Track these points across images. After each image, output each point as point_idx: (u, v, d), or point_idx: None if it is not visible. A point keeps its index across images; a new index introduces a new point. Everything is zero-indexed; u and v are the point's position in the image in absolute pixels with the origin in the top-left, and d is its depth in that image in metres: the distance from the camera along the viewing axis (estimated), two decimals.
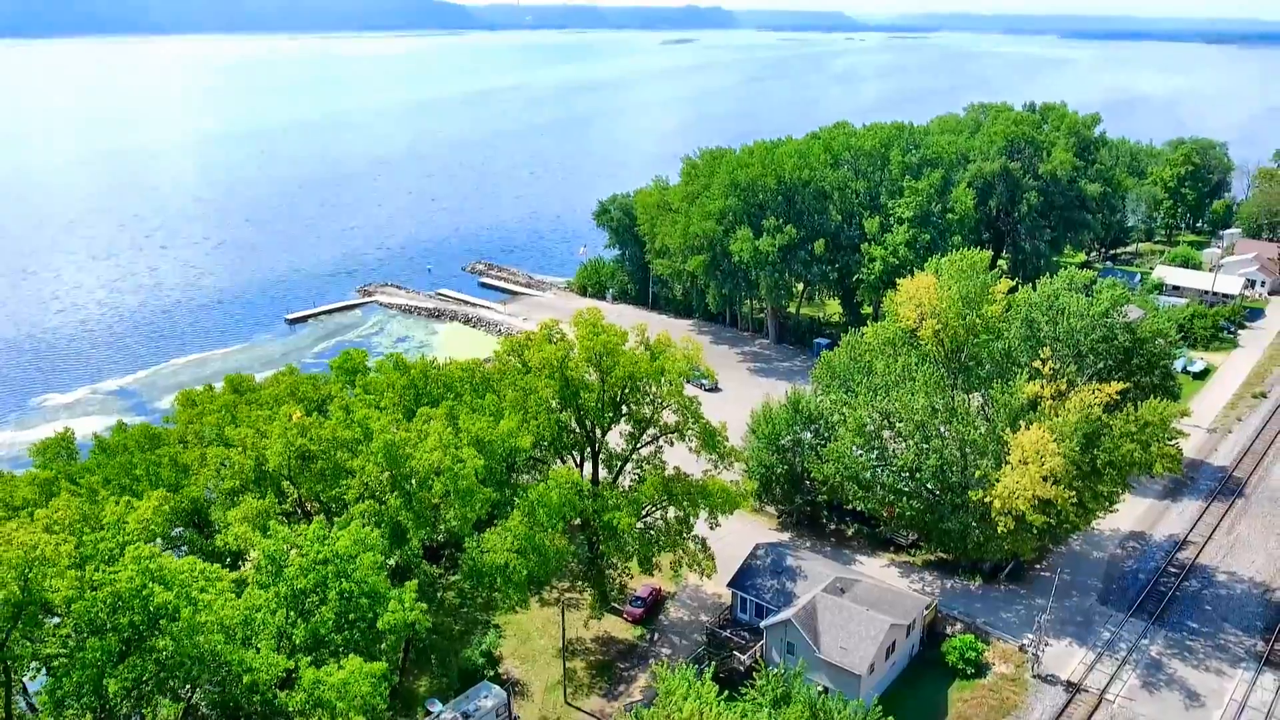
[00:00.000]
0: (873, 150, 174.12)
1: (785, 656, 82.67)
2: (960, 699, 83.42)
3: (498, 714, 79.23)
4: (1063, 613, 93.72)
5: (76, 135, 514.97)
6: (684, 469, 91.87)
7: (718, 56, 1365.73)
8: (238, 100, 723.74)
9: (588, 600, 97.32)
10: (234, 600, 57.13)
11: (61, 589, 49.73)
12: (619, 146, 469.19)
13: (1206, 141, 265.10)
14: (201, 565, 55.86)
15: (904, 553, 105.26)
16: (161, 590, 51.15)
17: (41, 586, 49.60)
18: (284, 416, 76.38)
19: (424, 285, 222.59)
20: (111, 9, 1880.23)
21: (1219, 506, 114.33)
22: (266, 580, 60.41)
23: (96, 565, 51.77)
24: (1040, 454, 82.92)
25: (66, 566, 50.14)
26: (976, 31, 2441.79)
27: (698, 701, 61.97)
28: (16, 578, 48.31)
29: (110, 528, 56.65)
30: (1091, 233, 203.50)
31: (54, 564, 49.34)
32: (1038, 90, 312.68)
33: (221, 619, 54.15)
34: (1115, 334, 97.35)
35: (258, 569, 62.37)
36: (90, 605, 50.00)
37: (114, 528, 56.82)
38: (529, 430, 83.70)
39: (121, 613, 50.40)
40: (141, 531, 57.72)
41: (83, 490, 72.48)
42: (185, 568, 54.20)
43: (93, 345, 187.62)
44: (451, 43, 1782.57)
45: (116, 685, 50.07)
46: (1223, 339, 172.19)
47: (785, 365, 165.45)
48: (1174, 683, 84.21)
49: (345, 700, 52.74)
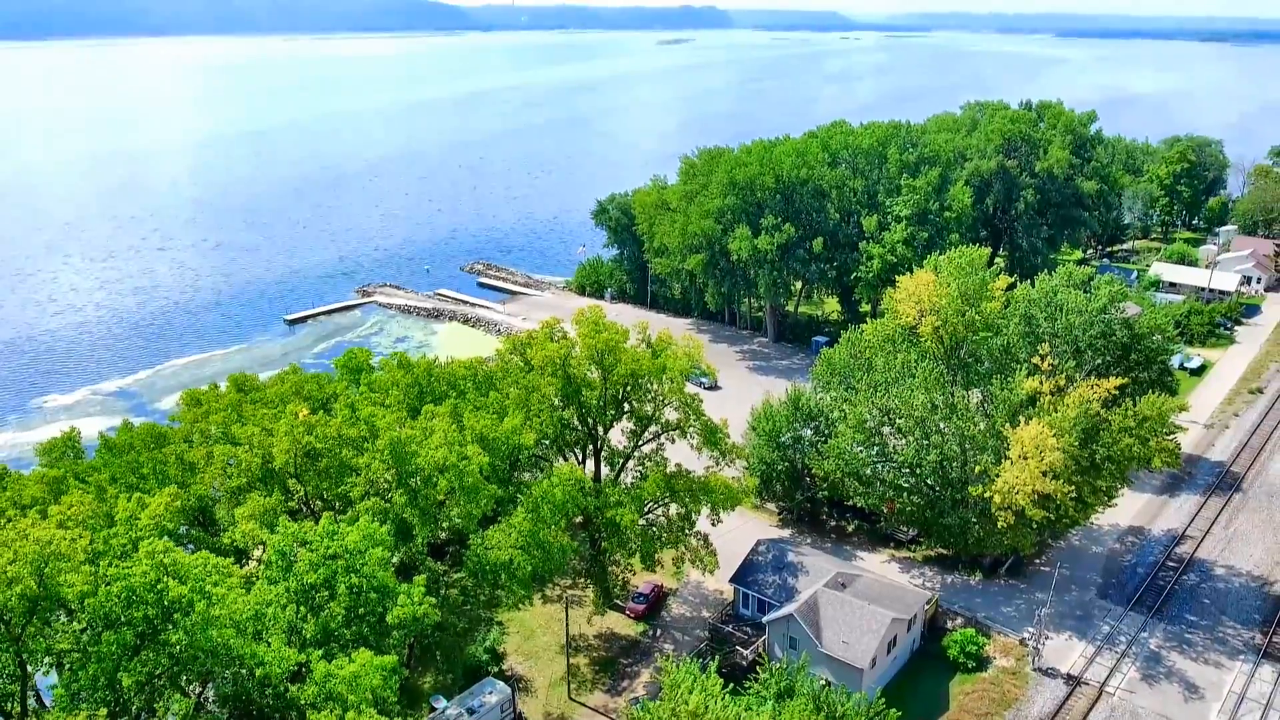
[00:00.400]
0: (870, 149, 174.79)
1: (787, 651, 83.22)
2: (961, 692, 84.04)
3: (502, 710, 79.75)
4: (1062, 607, 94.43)
5: (73, 137, 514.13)
6: (685, 466, 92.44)
7: (714, 56, 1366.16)
8: (233, 101, 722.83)
9: (590, 597, 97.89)
10: (244, 595, 57.62)
11: (76, 584, 50.15)
12: (616, 146, 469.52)
13: (1202, 139, 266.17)
14: (215, 560, 56.41)
15: (904, 548, 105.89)
16: (175, 584, 51.62)
17: (57, 581, 50.04)
18: (290, 415, 76.80)
19: (423, 285, 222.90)
20: (105, 11, 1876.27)
21: (1217, 501, 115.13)
22: (277, 575, 60.91)
23: (110, 560, 52.20)
24: (1040, 449, 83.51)
25: (81, 562, 50.57)
26: (972, 30, 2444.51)
27: (703, 694, 62.48)
28: (32, 572, 48.76)
29: (123, 524, 57.06)
30: (1088, 230, 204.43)
31: (69, 559, 49.78)
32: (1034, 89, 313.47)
33: (233, 613, 54.63)
34: (1113, 330, 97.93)
35: (267, 564, 62.86)
36: (104, 599, 50.42)
37: (126, 524, 57.23)
38: (532, 428, 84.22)
39: (136, 607, 50.83)
40: (154, 527, 58.13)
41: (91, 488, 72.89)
42: (199, 562, 54.70)
43: (92, 347, 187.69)
44: (447, 43, 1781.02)
45: (130, 679, 50.51)
46: (1219, 335, 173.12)
47: (784, 363, 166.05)
48: (1173, 675, 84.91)
49: (356, 693, 53.22)
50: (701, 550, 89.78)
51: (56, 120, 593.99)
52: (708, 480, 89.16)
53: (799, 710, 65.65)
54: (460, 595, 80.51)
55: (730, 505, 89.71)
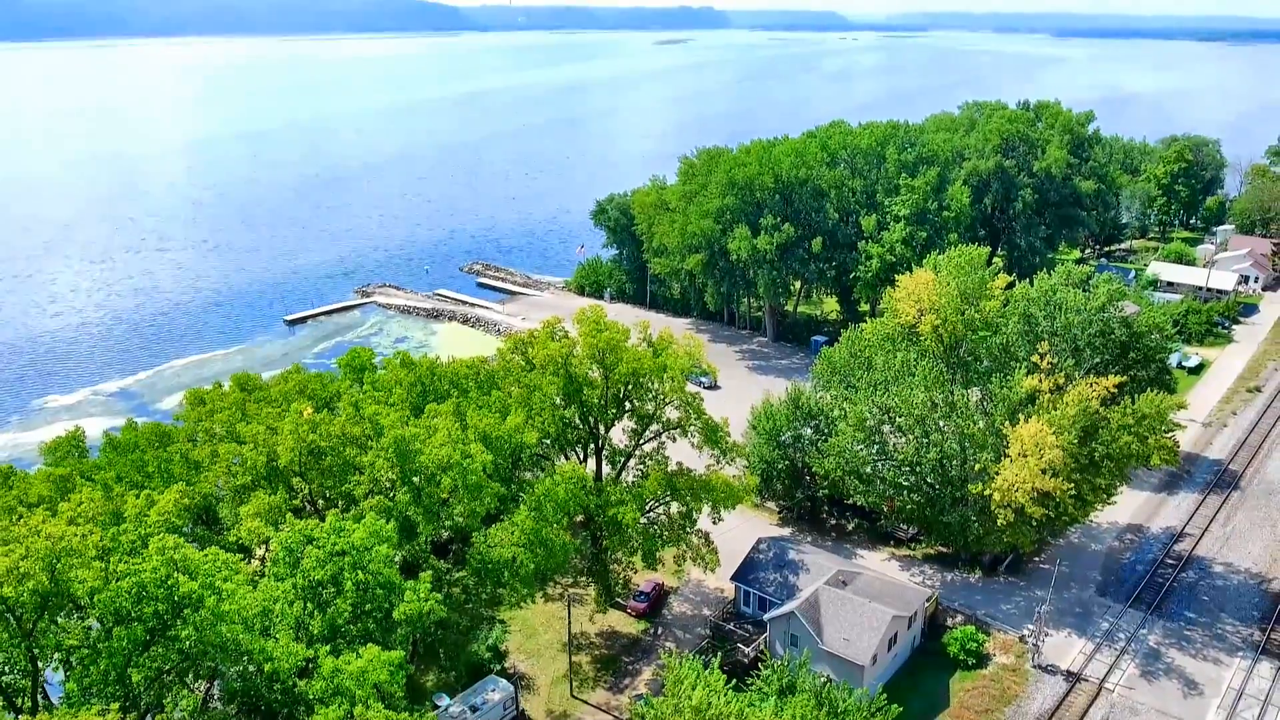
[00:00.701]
0: (869, 149, 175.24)
1: (789, 648, 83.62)
2: (962, 689, 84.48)
3: (504, 707, 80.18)
4: (1062, 604, 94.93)
5: (71, 138, 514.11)
6: (686, 465, 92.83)
7: (712, 57, 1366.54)
8: (230, 103, 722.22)
9: (592, 595, 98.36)
10: (251, 591, 58.01)
11: (88, 580, 50.50)
12: (615, 147, 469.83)
13: (1199, 138, 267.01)
14: (225, 555, 56.80)
15: (904, 546, 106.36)
16: (186, 580, 52.02)
17: (68, 577, 50.39)
18: (295, 413, 77.15)
19: (422, 286, 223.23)
20: (102, 12, 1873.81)
21: (1215, 499, 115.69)
22: (284, 572, 61.30)
23: (120, 557, 52.56)
24: (1039, 447, 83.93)
25: (92, 558, 50.91)
26: (969, 30, 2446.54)
27: (706, 690, 62.88)
28: (44, 568, 49.11)
29: (132, 520, 57.44)
30: (1086, 229, 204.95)
31: (80, 555, 50.14)
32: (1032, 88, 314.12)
33: (241, 609, 55.01)
34: (1112, 328, 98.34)
35: (274, 561, 63.26)
36: (115, 595, 50.77)
37: (135, 520, 57.60)
38: (534, 426, 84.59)
39: (146, 602, 51.21)
40: (163, 524, 58.50)
41: (97, 487, 73.22)
42: (209, 557, 55.09)
43: (92, 348, 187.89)
44: (444, 44, 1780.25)
45: (140, 675, 50.86)
46: (1217, 334, 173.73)
47: (783, 363, 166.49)
48: (1172, 671, 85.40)
49: (364, 688, 53.61)
50: (703, 548, 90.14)
51: (55, 122, 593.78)
52: (709, 479, 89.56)
53: (801, 706, 66.08)
54: (462, 593, 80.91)
55: (731, 503, 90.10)
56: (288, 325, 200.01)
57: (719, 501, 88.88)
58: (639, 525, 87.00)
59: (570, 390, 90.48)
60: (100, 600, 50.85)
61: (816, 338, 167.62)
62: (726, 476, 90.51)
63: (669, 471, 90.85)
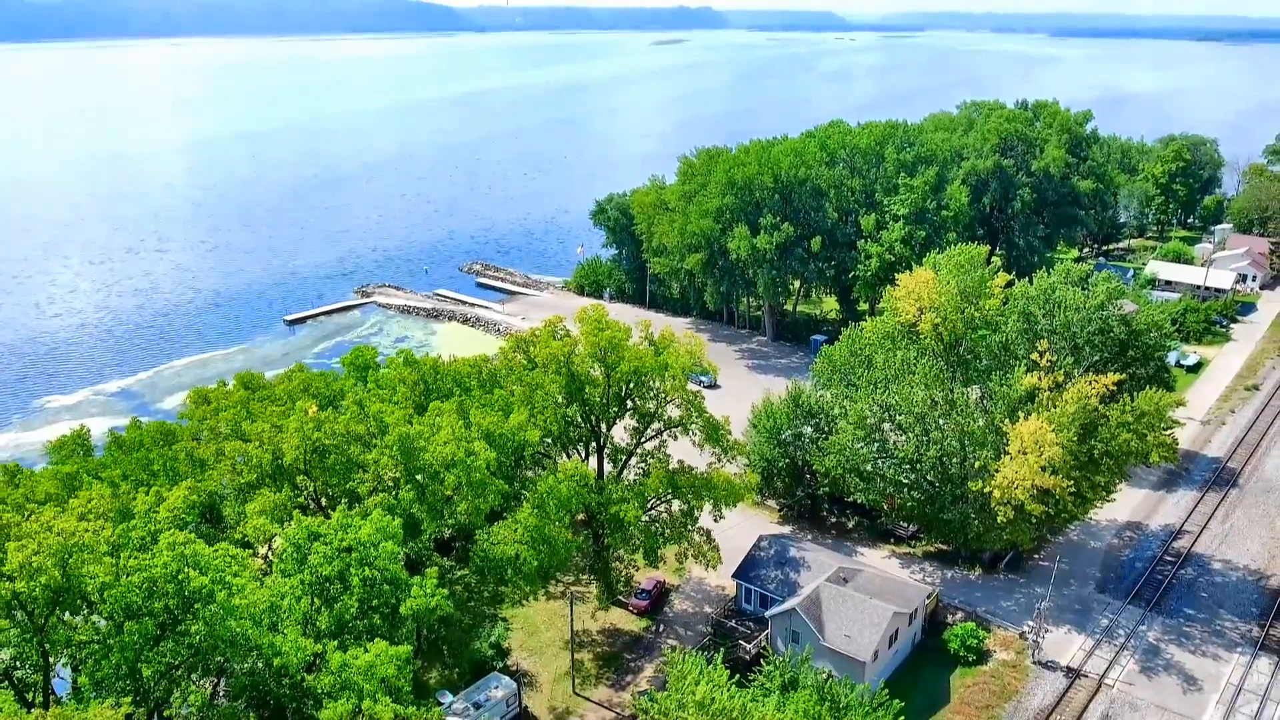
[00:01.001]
0: (868, 148, 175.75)
1: (790, 645, 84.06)
2: (962, 685, 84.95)
3: (507, 704, 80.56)
4: (1061, 601, 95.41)
5: (70, 139, 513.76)
6: (688, 463, 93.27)
7: (710, 57, 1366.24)
8: (229, 103, 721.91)
9: (594, 593, 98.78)
10: (259, 588, 58.44)
11: (99, 575, 50.89)
12: (614, 147, 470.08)
13: (1197, 138, 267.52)
14: (234, 551, 57.24)
15: (904, 544, 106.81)
16: (196, 575, 52.43)
17: (80, 573, 50.79)
18: (300, 411, 77.56)
19: (421, 286, 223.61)
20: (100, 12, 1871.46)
21: (1214, 496, 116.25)
22: (291, 568, 61.73)
23: (130, 553, 52.96)
24: (1038, 444, 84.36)
25: (103, 553, 51.30)
26: (967, 30, 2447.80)
27: (709, 685, 63.27)
28: (56, 563, 49.52)
29: (141, 517, 57.84)
30: (1084, 229, 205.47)
31: (92, 550, 50.55)
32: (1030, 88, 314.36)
33: (250, 604, 55.42)
34: (1111, 326, 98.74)
35: (280, 557, 63.68)
36: (126, 590, 51.17)
37: (145, 517, 58.00)
38: (537, 424, 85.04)
39: (157, 597, 51.64)
40: (172, 520, 58.90)
41: (104, 484, 73.60)
42: (219, 553, 55.54)
43: (92, 348, 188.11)
44: (441, 44, 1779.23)
45: (150, 669, 51.27)
46: (1215, 333, 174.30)
47: (783, 362, 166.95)
48: (1171, 667, 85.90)
49: (371, 682, 54.04)
50: (704, 546, 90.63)
51: (54, 122, 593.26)
52: (710, 477, 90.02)
53: (804, 701, 66.50)
54: (465, 591, 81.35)
55: (733, 501, 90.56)
56: (288, 325, 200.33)
57: (720, 499, 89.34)
58: (641, 523, 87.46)
59: (572, 389, 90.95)
60: (111, 595, 51.25)
61: (816, 337, 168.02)
62: (728, 474, 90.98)
63: (670, 469, 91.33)
